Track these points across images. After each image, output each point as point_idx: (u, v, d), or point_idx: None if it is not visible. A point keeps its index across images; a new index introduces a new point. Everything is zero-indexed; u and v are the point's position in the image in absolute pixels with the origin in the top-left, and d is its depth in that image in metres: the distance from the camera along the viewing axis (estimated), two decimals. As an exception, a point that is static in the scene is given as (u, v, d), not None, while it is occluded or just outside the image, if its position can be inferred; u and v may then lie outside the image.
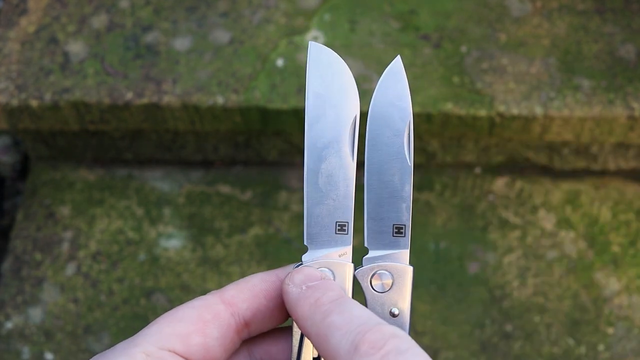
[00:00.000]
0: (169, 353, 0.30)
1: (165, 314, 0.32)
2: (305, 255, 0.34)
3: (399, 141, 0.34)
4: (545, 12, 0.94)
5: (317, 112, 0.34)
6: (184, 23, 0.94)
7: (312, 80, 0.34)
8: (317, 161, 0.34)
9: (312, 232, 0.34)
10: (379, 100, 0.35)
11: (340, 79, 0.35)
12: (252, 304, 0.33)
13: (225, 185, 0.98)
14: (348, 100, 0.34)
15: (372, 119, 0.34)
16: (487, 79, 0.88)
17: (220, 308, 0.32)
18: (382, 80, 0.35)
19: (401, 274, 0.34)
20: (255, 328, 0.33)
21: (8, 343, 0.87)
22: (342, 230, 0.34)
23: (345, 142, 0.34)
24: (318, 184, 0.34)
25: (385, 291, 0.34)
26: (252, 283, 0.33)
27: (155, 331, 0.31)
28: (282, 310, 0.33)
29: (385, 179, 0.34)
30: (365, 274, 0.34)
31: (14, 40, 0.93)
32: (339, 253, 0.34)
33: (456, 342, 0.86)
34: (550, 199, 0.95)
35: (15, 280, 0.91)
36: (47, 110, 0.89)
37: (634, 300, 0.88)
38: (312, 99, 0.34)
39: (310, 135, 0.34)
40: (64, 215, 0.95)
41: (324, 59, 0.35)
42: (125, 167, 1.00)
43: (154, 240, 0.93)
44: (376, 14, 0.94)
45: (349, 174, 0.34)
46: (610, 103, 0.87)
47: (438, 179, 0.97)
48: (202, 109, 0.88)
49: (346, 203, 0.34)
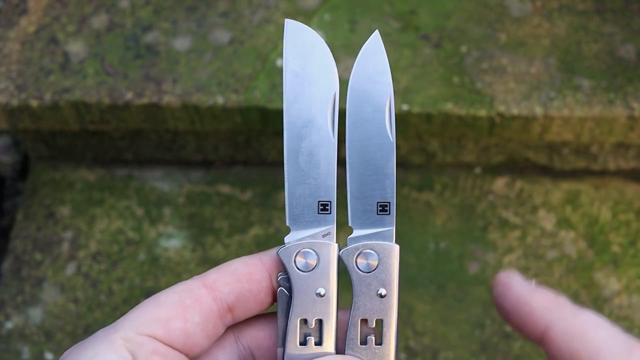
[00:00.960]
0: (148, 338, 0.30)
1: (147, 299, 0.31)
2: (288, 237, 0.33)
3: (380, 117, 0.34)
4: (545, 12, 0.94)
5: (295, 90, 0.34)
6: (184, 23, 0.94)
7: (290, 58, 0.34)
8: (297, 140, 0.34)
9: (294, 213, 0.34)
10: (358, 75, 0.34)
11: (318, 57, 0.34)
12: (235, 288, 0.32)
13: (225, 185, 0.98)
14: (327, 78, 0.34)
15: (352, 96, 0.34)
16: (487, 79, 0.88)
17: (201, 292, 0.31)
18: (360, 56, 0.34)
19: (387, 253, 0.33)
20: (240, 313, 0.33)
21: (8, 343, 0.87)
22: (325, 209, 0.34)
23: (325, 119, 0.34)
24: (299, 163, 0.34)
25: (372, 271, 0.33)
26: (234, 267, 0.33)
27: (136, 316, 0.30)
28: (267, 294, 0.33)
29: (367, 156, 0.34)
30: (351, 254, 0.33)
31: (14, 40, 0.93)
32: (322, 233, 0.33)
33: (456, 342, 0.86)
34: (550, 199, 0.95)
35: (15, 280, 0.91)
36: (47, 110, 0.89)
37: (634, 301, 0.88)
38: (289, 77, 0.34)
39: (289, 114, 0.34)
40: (64, 215, 0.95)
41: (301, 36, 0.34)
42: (125, 167, 1.00)
43: (154, 240, 0.93)
44: (376, 14, 0.94)
45: (330, 152, 0.34)
46: (610, 103, 0.87)
47: (438, 179, 0.97)
48: (202, 109, 0.88)
49: (328, 182, 0.34)
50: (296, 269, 0.33)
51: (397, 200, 0.98)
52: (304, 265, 0.33)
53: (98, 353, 0.29)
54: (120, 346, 0.29)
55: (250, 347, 0.34)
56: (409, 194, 0.96)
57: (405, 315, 0.87)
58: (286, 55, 0.34)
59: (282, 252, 0.33)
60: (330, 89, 0.34)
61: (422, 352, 0.86)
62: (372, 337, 0.33)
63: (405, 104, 0.86)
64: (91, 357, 0.29)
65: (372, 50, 0.35)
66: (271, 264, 0.33)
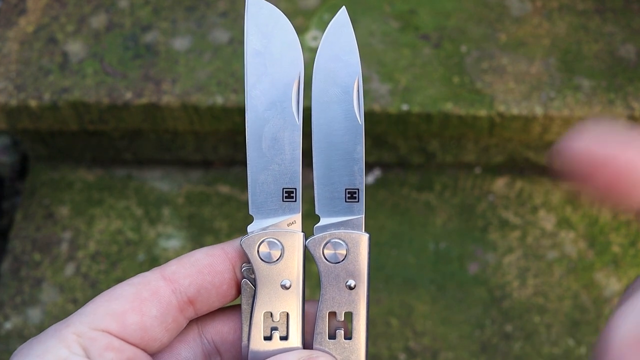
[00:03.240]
0: (102, 333, 0.29)
1: (103, 292, 0.30)
2: (251, 226, 0.32)
3: (348, 98, 0.32)
4: (545, 12, 0.94)
5: (257, 70, 0.32)
6: (183, 23, 0.94)
7: (251, 37, 0.32)
8: (260, 123, 0.32)
9: (257, 201, 0.32)
10: (324, 54, 0.32)
11: (281, 35, 0.32)
12: (195, 280, 0.31)
13: (224, 186, 0.98)
14: (290, 57, 0.32)
15: (318, 76, 0.32)
16: (487, 79, 0.88)
17: (159, 284, 0.30)
18: (327, 34, 0.33)
19: (356, 242, 0.31)
20: (202, 306, 0.31)
21: (7, 343, 0.87)
22: (290, 197, 0.32)
23: (290, 101, 0.32)
24: (261, 149, 0.32)
25: (340, 261, 0.31)
26: (195, 257, 0.31)
27: (90, 311, 0.29)
28: (230, 286, 0.32)
29: (334, 140, 0.32)
30: (317, 243, 0.32)
31: (13, 40, 0.93)
32: (287, 222, 0.32)
33: (456, 343, 0.86)
34: (550, 199, 0.95)
35: (14, 281, 0.91)
36: (46, 110, 0.89)
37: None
38: (251, 56, 0.32)
39: (251, 95, 0.32)
40: (63, 215, 0.95)
41: (263, 14, 0.32)
42: (125, 167, 0.99)
43: (153, 241, 0.93)
44: (376, 14, 0.94)
45: (295, 136, 0.32)
46: (611, 103, 0.87)
47: (438, 179, 0.97)
48: (201, 109, 0.88)
49: (293, 168, 0.32)
50: (260, 259, 0.31)
51: (397, 200, 0.98)
52: (268, 255, 0.31)
53: (49, 349, 0.28)
54: (72, 341, 0.28)
55: (214, 341, 0.33)
56: (409, 194, 0.96)
57: (405, 315, 0.87)
58: (247, 33, 0.32)
59: (245, 242, 0.31)
60: (295, 68, 0.32)
61: (422, 352, 0.86)
62: (341, 331, 0.32)
63: (405, 104, 0.86)
64: (41, 353, 0.28)
65: (339, 27, 0.33)
66: (234, 254, 0.32)
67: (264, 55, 0.32)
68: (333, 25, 0.33)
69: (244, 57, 0.32)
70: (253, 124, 0.32)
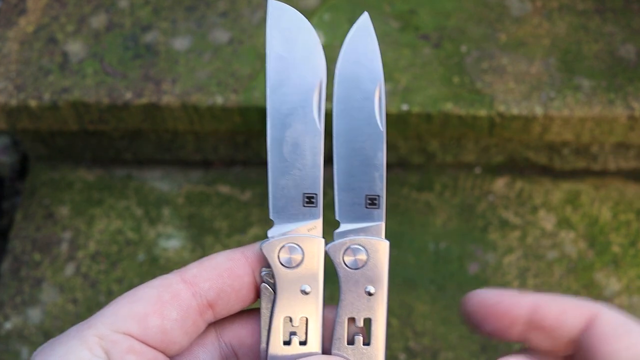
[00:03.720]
0: (124, 336, 0.28)
1: (124, 294, 0.30)
2: (271, 230, 0.32)
3: (369, 104, 0.32)
4: (545, 12, 0.94)
5: (279, 75, 0.32)
6: (183, 23, 0.94)
7: (273, 41, 0.32)
8: (281, 128, 0.32)
9: (277, 205, 0.32)
10: (346, 60, 0.32)
11: (304, 40, 0.32)
12: (216, 283, 0.31)
13: (224, 186, 0.98)
14: (313, 62, 0.32)
15: (340, 81, 0.32)
16: (487, 79, 0.88)
17: (180, 287, 0.30)
18: (349, 39, 0.32)
19: (376, 249, 0.31)
20: (221, 310, 0.31)
21: (7, 344, 0.87)
22: (311, 202, 0.32)
23: (311, 107, 0.32)
24: (283, 153, 0.32)
25: (359, 268, 0.31)
26: (216, 261, 0.31)
27: (111, 312, 0.29)
28: (249, 290, 0.32)
29: (355, 147, 0.32)
30: (337, 249, 0.32)
31: (12, 40, 0.93)
32: (307, 227, 0.32)
33: (456, 343, 0.86)
34: (550, 199, 0.95)
35: (14, 281, 0.91)
36: (46, 110, 0.89)
37: (634, 301, 0.88)
38: (274, 61, 0.32)
39: (273, 100, 0.32)
40: (63, 215, 0.95)
41: (285, 18, 0.32)
42: (125, 167, 0.99)
43: (153, 241, 0.93)
44: (376, 14, 0.94)
45: (316, 141, 0.32)
46: (611, 103, 0.87)
47: (438, 179, 0.97)
48: (201, 109, 0.88)
49: (314, 173, 0.32)
50: (280, 264, 0.31)
51: (397, 200, 0.98)
52: (288, 260, 0.31)
53: (71, 350, 0.28)
54: (94, 343, 0.28)
55: (232, 344, 0.33)
56: (409, 194, 0.96)
57: (405, 315, 0.87)
58: (269, 37, 0.32)
59: (265, 247, 0.31)
60: (317, 74, 0.32)
61: (422, 352, 0.86)
62: (359, 337, 0.32)
63: (405, 104, 0.86)
64: (63, 354, 0.27)
65: (361, 32, 0.32)
66: (254, 258, 0.32)
67: (286, 60, 0.32)
68: (355, 30, 0.32)
69: (266, 61, 0.32)
70: (274, 128, 0.32)
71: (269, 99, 0.32)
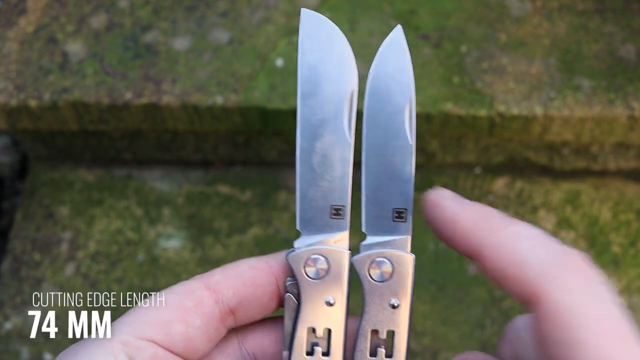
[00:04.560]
0: (148, 343, 0.28)
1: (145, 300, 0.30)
2: (298, 241, 0.32)
3: (400, 118, 0.32)
4: (545, 12, 0.94)
5: (311, 86, 0.31)
6: (183, 23, 0.94)
7: (306, 51, 0.32)
8: (311, 139, 0.31)
9: (305, 217, 0.32)
10: (377, 73, 0.32)
11: (336, 50, 0.32)
12: (239, 291, 0.31)
13: (224, 186, 0.98)
14: (345, 74, 0.32)
15: (371, 94, 0.32)
16: (487, 79, 0.88)
17: (203, 294, 0.30)
18: (381, 52, 0.32)
19: (402, 262, 0.31)
20: (242, 317, 0.31)
21: (7, 344, 0.87)
22: (338, 214, 0.32)
23: (342, 118, 0.32)
24: (312, 164, 0.31)
25: (385, 280, 0.31)
26: (239, 269, 0.31)
27: (134, 319, 0.29)
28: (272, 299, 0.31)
29: (384, 159, 0.32)
30: (363, 261, 0.31)
31: (12, 40, 0.93)
32: (334, 239, 0.32)
33: (456, 343, 0.86)
34: (550, 199, 0.95)
35: (14, 281, 0.91)
36: (46, 110, 0.89)
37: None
38: (306, 71, 0.31)
39: (303, 110, 0.31)
40: (63, 215, 0.95)
41: (318, 27, 0.32)
42: (125, 167, 0.99)
43: (153, 241, 0.93)
44: (376, 14, 0.94)
45: (346, 153, 0.32)
46: (611, 103, 0.86)
47: (438, 179, 0.97)
48: (201, 109, 0.88)
49: (342, 185, 0.32)
50: (306, 275, 0.31)
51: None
52: (314, 272, 0.31)
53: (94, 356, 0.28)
54: (118, 350, 0.28)
55: (254, 353, 0.33)
56: (409, 194, 0.96)
57: (405, 315, 0.87)
58: (302, 47, 0.32)
59: (292, 258, 0.31)
60: (349, 85, 0.32)
61: (422, 352, 0.86)
62: (382, 349, 0.32)
63: (405, 104, 0.86)
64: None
65: (394, 45, 0.32)
66: (278, 268, 0.32)
67: (318, 70, 0.32)
68: (387, 43, 0.32)
69: (298, 71, 0.31)
70: (304, 138, 0.32)
71: (299, 109, 0.31)
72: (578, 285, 0.24)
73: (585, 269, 0.25)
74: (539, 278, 0.24)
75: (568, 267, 0.24)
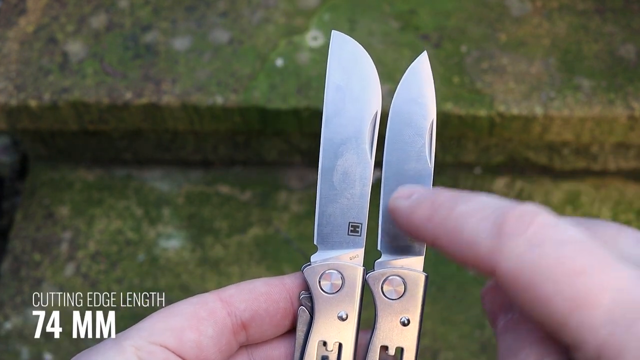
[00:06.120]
0: (160, 348, 0.29)
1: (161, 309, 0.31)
2: (315, 256, 0.33)
3: (421, 141, 0.33)
4: (545, 12, 0.94)
5: (336, 105, 0.33)
6: (183, 23, 0.94)
7: (333, 71, 0.33)
8: (333, 157, 0.33)
9: (323, 232, 0.33)
10: (401, 96, 0.33)
11: (362, 72, 0.33)
12: (251, 305, 0.31)
13: (224, 186, 0.98)
14: (370, 95, 0.33)
15: (394, 116, 0.33)
16: (487, 79, 0.88)
17: (217, 306, 0.31)
18: (406, 76, 0.33)
19: (414, 281, 0.32)
20: (254, 333, 0.32)
21: (7, 344, 0.87)
22: (355, 231, 0.33)
23: (364, 138, 0.33)
24: (332, 181, 0.33)
25: (397, 298, 0.32)
26: (254, 285, 0.32)
27: (148, 325, 0.30)
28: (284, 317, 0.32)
29: (403, 181, 0.33)
30: (377, 279, 0.32)
31: (13, 40, 0.93)
32: (350, 255, 0.33)
33: (456, 343, 0.86)
34: (550, 199, 0.95)
35: (15, 281, 0.91)
36: (46, 110, 0.89)
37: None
38: (332, 91, 0.33)
39: (327, 129, 0.33)
40: (63, 215, 0.95)
41: (346, 49, 0.33)
42: (125, 167, 0.99)
43: (153, 241, 0.93)
44: (376, 14, 0.94)
45: (366, 172, 0.33)
46: (611, 103, 0.86)
47: (438, 179, 0.97)
48: (201, 109, 0.88)
49: (361, 203, 0.33)
50: (320, 289, 0.32)
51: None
52: (329, 286, 0.32)
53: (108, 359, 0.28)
54: (130, 354, 0.28)
55: None
56: (409, 194, 0.96)
57: (405, 315, 0.87)
58: (330, 67, 0.33)
59: (307, 271, 0.32)
60: (373, 106, 0.33)
61: (422, 352, 0.86)
62: None
63: (405, 104, 0.86)
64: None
65: (418, 71, 0.33)
66: (292, 286, 0.32)
67: (344, 91, 0.33)
68: (413, 67, 0.33)
69: (325, 91, 0.33)
70: (327, 156, 0.33)
71: (324, 128, 0.33)
72: (522, 245, 0.24)
73: (526, 224, 0.24)
74: (488, 254, 0.24)
75: (512, 231, 0.24)
